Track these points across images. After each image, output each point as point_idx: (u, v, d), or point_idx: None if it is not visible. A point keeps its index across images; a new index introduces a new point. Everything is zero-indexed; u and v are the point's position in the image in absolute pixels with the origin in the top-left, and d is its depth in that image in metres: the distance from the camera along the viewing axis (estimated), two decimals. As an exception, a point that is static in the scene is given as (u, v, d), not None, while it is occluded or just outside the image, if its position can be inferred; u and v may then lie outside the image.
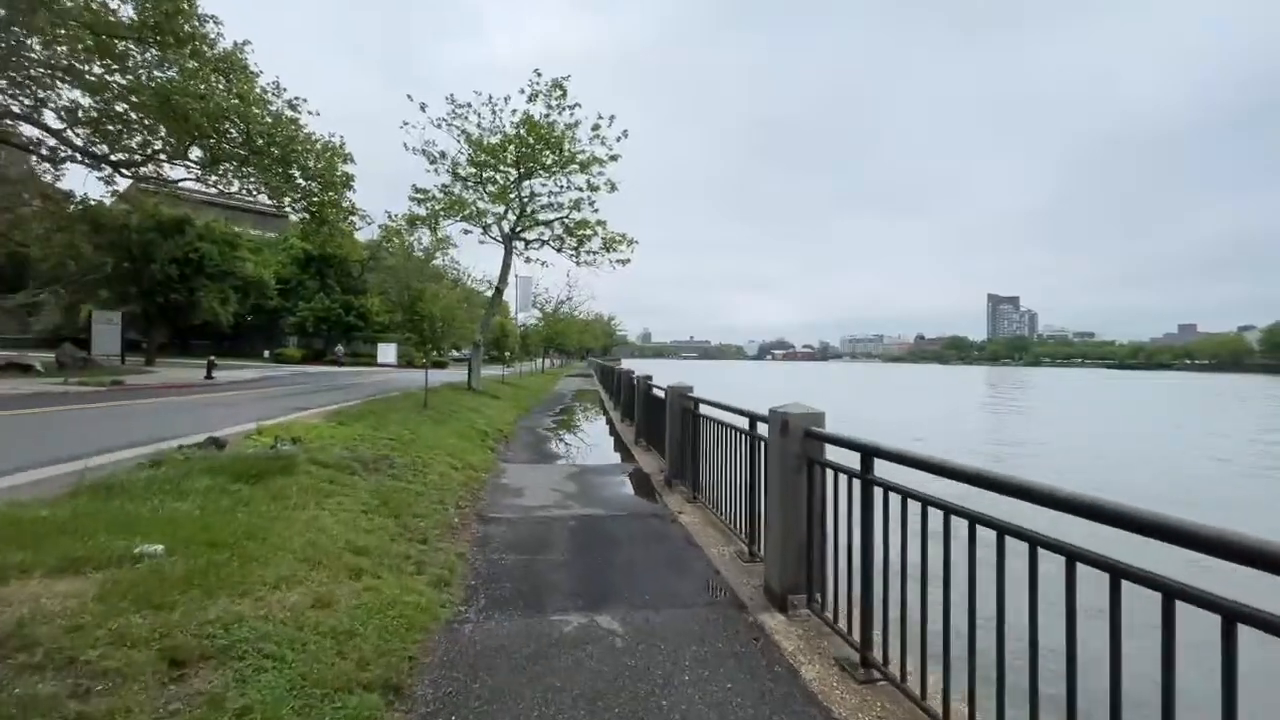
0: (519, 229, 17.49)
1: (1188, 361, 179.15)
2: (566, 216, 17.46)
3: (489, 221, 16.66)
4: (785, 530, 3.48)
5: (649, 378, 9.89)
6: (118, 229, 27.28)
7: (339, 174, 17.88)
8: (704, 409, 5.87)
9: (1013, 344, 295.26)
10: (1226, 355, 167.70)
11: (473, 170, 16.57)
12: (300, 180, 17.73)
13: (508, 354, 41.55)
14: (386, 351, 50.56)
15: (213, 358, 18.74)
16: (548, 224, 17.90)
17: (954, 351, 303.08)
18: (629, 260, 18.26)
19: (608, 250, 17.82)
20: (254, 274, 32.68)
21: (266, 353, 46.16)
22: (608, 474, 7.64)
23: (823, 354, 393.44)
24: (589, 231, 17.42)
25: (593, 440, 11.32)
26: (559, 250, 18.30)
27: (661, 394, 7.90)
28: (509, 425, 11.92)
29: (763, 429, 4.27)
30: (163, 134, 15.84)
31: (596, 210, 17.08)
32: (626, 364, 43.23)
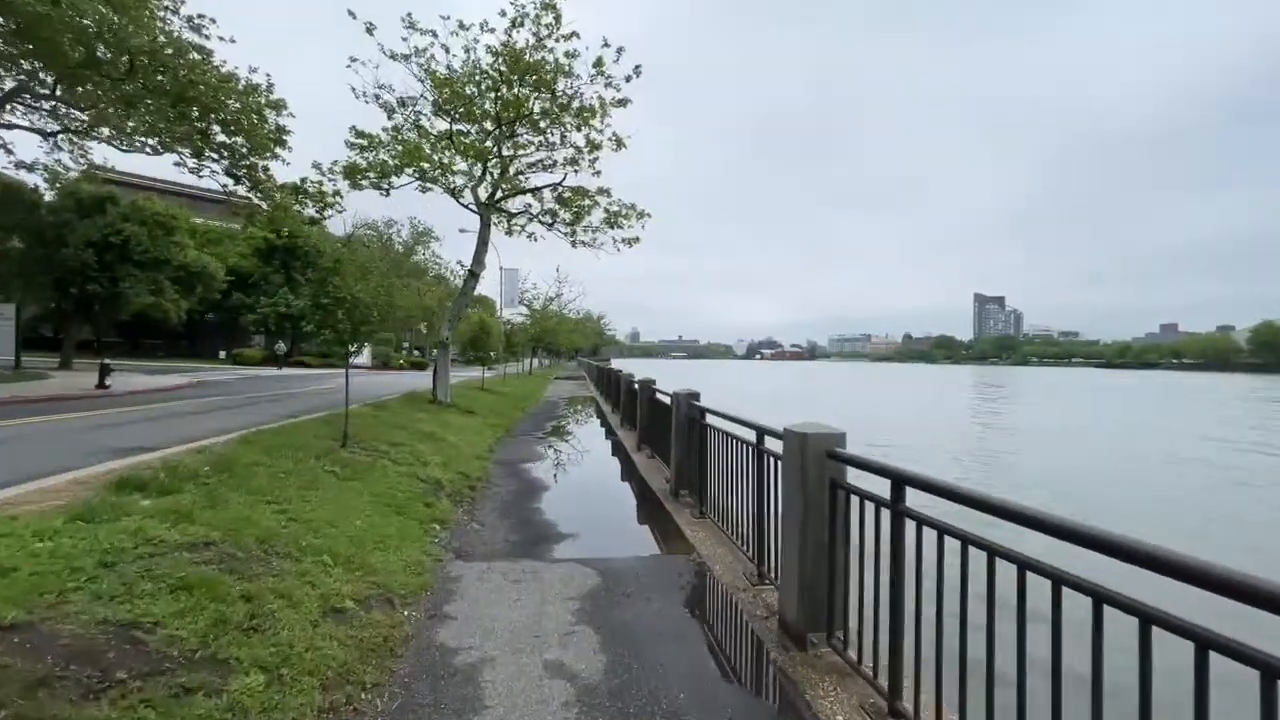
0: (498, 198, 13.79)
1: (1175, 361, 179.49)
2: (560, 183, 13.81)
3: (458, 183, 12.92)
4: None
5: (694, 396, 6.33)
6: (26, 207, 23.14)
7: (269, 127, 14.06)
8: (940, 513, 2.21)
9: (999, 343, 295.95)
10: (1214, 354, 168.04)
11: (442, 124, 12.82)
12: (219, 134, 13.91)
13: (491, 354, 37.50)
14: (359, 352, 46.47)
15: (106, 360, 14.78)
16: (534, 192, 14.23)
17: (942, 351, 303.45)
18: (639, 239, 14.66)
19: (612, 226, 14.20)
20: (195, 262, 28.37)
21: (223, 353, 41.78)
22: (652, 590, 4.04)
23: (810, 353, 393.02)
24: (588, 202, 13.78)
25: (604, 488, 7.70)
26: (549, 227, 14.65)
27: (748, 437, 4.34)
28: (480, 461, 8.26)
29: None
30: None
31: (598, 173, 13.45)
32: (616, 364, 39.65)
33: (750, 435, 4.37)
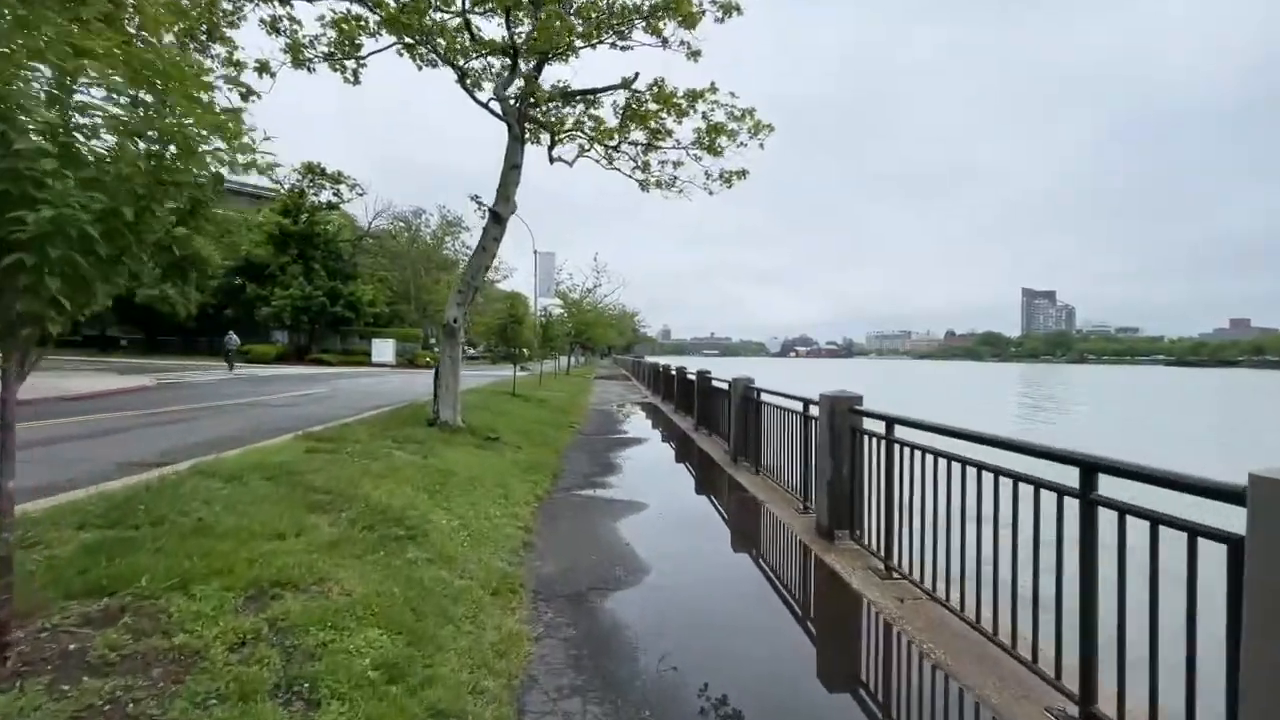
0: (533, 101, 8.82)
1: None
2: (632, 81, 8.79)
3: (467, 51, 7.95)
4: None
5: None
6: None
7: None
8: None
9: (1052, 340, 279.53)
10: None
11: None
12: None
13: (524, 351, 31.52)
14: (382, 349, 42.25)
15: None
16: (589, 99, 9.23)
17: (988, 348, 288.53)
18: (745, 173, 9.57)
19: (708, 149, 9.14)
20: (181, 244, 24.34)
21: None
22: None
23: (847, 351, 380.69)
24: (676, 104, 8.73)
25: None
26: (611, 155, 9.67)
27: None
28: (501, 605, 3.29)
29: None
30: None
31: (695, 55, 8.38)
32: (650, 360, 34.80)
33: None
